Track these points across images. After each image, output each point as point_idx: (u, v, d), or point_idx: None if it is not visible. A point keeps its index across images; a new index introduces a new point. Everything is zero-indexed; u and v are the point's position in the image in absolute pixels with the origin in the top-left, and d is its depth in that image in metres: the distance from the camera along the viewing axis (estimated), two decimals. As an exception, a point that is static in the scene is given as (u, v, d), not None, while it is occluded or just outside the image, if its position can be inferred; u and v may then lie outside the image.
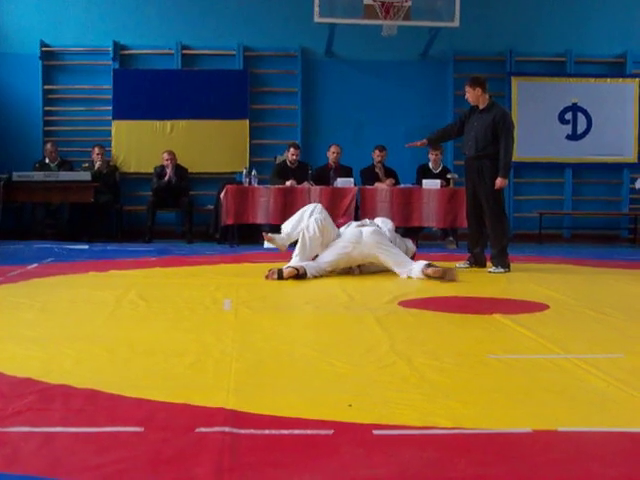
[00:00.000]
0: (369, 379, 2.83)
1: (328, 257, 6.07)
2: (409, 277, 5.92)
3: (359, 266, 6.21)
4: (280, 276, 5.69)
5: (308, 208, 6.34)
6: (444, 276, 5.71)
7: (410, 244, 6.66)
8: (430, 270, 5.77)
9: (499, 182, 6.55)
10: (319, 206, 6.38)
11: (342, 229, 6.38)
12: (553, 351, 3.31)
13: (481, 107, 6.69)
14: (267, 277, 5.73)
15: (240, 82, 10.93)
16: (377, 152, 9.94)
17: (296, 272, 5.74)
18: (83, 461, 1.98)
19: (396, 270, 6.04)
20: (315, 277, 5.88)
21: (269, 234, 6.61)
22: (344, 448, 2.09)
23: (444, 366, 3.02)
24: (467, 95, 6.77)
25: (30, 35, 10.72)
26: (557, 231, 11.25)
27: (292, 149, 9.87)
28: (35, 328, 3.76)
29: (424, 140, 7.11)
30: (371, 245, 6.06)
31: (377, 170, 9.83)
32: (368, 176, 9.88)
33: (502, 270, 6.50)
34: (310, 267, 5.91)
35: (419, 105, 10.98)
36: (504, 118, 6.63)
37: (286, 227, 6.36)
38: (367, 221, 6.63)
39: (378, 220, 6.74)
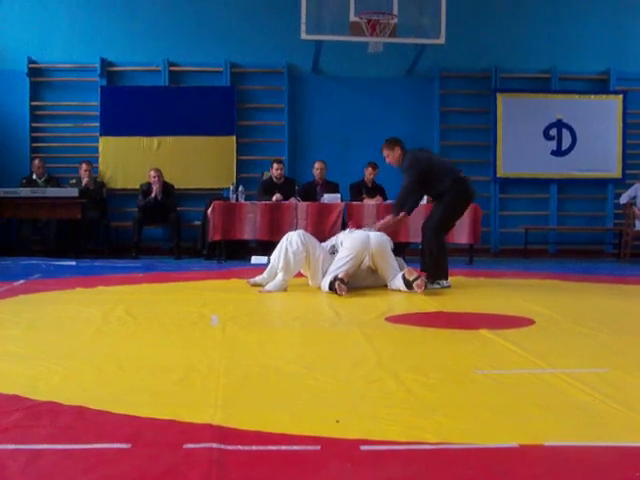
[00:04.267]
0: (356, 394, 2.84)
1: (343, 267, 5.97)
2: (396, 289, 5.98)
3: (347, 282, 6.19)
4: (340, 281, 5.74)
5: (288, 235, 6.25)
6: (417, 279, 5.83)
7: (402, 262, 6.66)
8: (406, 271, 5.92)
9: (385, 220, 6.53)
10: (300, 230, 6.40)
11: (336, 238, 6.39)
12: (539, 366, 3.33)
13: (403, 166, 6.48)
14: (340, 293, 5.70)
15: (227, 98, 10.97)
16: (370, 169, 9.97)
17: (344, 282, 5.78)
18: (71, 478, 1.98)
19: (388, 277, 6.12)
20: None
21: (263, 288, 6.06)
22: (331, 464, 2.09)
23: (430, 381, 3.03)
24: (387, 160, 6.59)
25: (17, 52, 10.73)
26: (542, 246, 11.32)
27: (275, 164, 9.91)
28: (22, 345, 3.74)
29: (403, 213, 6.55)
30: (378, 248, 6.11)
31: (364, 194, 9.79)
32: (357, 191, 9.91)
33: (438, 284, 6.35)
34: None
35: (405, 121, 11.04)
36: (404, 163, 6.44)
37: (274, 259, 6.21)
38: (370, 228, 6.68)
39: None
